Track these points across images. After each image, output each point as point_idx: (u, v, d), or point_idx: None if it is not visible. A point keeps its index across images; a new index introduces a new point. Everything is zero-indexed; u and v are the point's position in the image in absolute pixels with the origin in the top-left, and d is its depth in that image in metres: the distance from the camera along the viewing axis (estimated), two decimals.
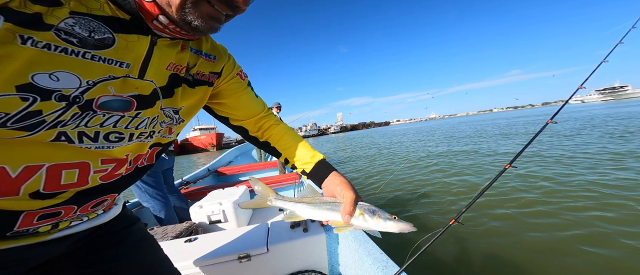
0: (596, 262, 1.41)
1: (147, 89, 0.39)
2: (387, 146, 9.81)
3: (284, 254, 1.05)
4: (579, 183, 2.63)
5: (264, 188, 0.55)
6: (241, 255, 0.89)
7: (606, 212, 1.92)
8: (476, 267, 1.52)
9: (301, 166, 0.58)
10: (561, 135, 6.62)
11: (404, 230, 0.39)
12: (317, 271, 1.14)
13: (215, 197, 1.76)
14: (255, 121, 0.62)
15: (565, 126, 8.76)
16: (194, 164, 13.60)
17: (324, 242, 1.13)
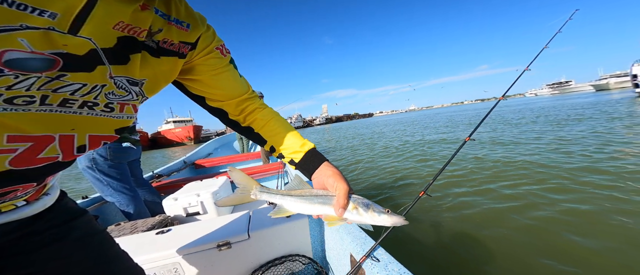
0: (524, 225, 1.77)
1: (80, 48, 0.31)
2: (369, 136, 10.24)
3: (266, 239, 1.05)
4: (520, 164, 3.19)
5: (246, 180, 0.50)
6: (220, 243, 0.86)
7: (537, 185, 2.43)
8: (442, 237, 1.79)
9: (289, 155, 0.53)
10: (513, 123, 7.63)
11: (396, 224, 0.38)
12: (300, 255, 1.16)
13: (192, 188, 1.66)
14: (237, 103, 0.55)
15: (518, 116, 10.13)
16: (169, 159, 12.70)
17: (307, 226, 1.14)
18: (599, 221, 1.64)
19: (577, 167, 2.75)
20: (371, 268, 0.64)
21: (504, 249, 1.50)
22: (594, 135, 4.41)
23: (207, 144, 4.94)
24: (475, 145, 4.78)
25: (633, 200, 1.82)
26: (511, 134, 5.71)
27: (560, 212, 1.82)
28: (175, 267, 0.80)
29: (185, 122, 45.86)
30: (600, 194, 2.02)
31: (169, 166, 2.89)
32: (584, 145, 3.79)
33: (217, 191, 1.64)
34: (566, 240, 1.49)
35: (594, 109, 9.27)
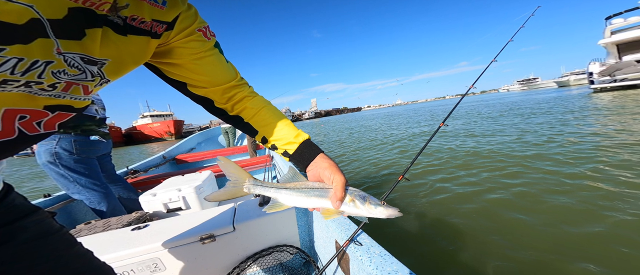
0: (482, 207, 2.02)
1: (18, 16, 0.26)
2: (357, 129, 10.46)
3: (252, 231, 1.04)
4: (487, 153, 3.59)
5: (238, 172, 0.46)
6: (204, 236, 0.83)
7: (497, 171, 2.77)
8: (418, 220, 1.95)
9: (283, 147, 0.50)
10: (485, 117, 8.41)
11: (391, 216, 0.38)
12: (288, 245, 1.17)
13: (172, 183, 1.58)
14: (223, 90, 0.50)
15: (490, 110, 11.12)
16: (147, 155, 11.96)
17: (294, 217, 1.15)
18: (538, 201, 1.95)
19: (531, 155, 3.16)
20: (354, 252, 0.66)
21: (466, 228, 1.71)
22: (549, 127, 4.98)
23: (190, 138, 4.70)
24: (450, 137, 5.17)
25: (566, 182, 2.18)
26: (482, 126, 6.26)
27: (512, 195, 2.13)
28: (155, 263, 0.76)
29: (164, 117, 42.91)
30: (545, 178, 2.37)
31: (147, 161, 2.71)
32: (539, 135, 4.29)
33: (200, 186, 1.58)
34: (512, 218, 1.76)
35: (554, 104, 10.41)
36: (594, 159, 2.66)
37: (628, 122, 4.35)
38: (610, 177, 2.18)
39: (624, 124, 4.30)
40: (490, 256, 1.38)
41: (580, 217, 1.61)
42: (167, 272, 0.79)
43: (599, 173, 2.28)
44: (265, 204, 1.21)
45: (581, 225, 1.52)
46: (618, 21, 14.97)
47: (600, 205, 1.72)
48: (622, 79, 13.62)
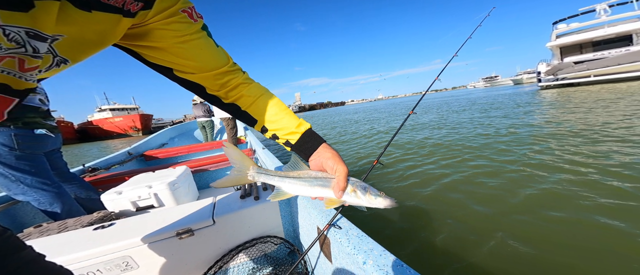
0: (437, 190, 2.30)
1: None
2: (341, 123, 10.76)
3: (234, 224, 1.01)
4: (450, 142, 4.05)
5: (242, 159, 0.45)
6: (180, 230, 0.79)
7: (452, 159, 3.17)
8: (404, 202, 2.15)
9: (284, 137, 0.48)
10: (453, 111, 9.27)
11: (388, 206, 0.39)
12: (272, 236, 1.17)
13: (141, 180, 1.45)
14: (214, 77, 0.46)
15: (456, 105, 12.28)
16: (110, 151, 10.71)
17: (277, 208, 1.15)
18: (477, 183, 2.31)
19: (482, 144, 3.66)
20: (334, 235, 0.69)
21: (424, 208, 1.98)
22: (500, 119, 5.75)
23: (160, 133, 4.31)
24: (421, 129, 5.63)
25: (504, 167, 2.62)
26: (449, 119, 6.95)
27: (462, 177, 2.49)
28: (126, 261, 0.71)
29: (127, 111, 38.35)
30: (486, 164, 2.79)
31: (108, 158, 2.43)
32: (489, 127, 4.93)
33: (175, 182, 1.47)
34: (455, 198, 2.08)
35: (508, 99, 11.79)
36: (526, 147, 3.17)
37: (559, 116, 5.18)
38: (534, 160, 2.64)
39: (555, 117, 5.04)
40: (436, 230, 1.65)
41: (506, 192, 2.01)
42: (141, 270, 0.74)
43: (527, 158, 2.69)
44: (247, 196, 1.18)
45: (509, 197, 1.93)
46: (562, 26, 17.28)
47: (521, 183, 2.12)
48: (562, 77, 15.92)
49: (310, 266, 0.98)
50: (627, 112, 4.57)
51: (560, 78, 16.09)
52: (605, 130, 3.47)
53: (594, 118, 4.42)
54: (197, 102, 4.78)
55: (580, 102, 6.88)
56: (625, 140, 2.91)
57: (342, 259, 0.67)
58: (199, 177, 2.21)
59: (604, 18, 15.68)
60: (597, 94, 8.44)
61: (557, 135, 3.53)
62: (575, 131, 3.64)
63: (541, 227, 1.50)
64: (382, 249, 0.57)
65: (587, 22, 16.24)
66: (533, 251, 1.30)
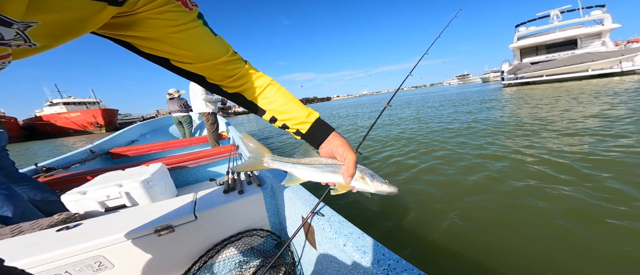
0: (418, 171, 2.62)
1: None
2: (326, 118, 10.83)
3: (218, 218, 0.99)
4: (421, 135, 4.41)
5: (259, 147, 0.48)
6: (159, 227, 0.76)
7: (423, 148, 3.53)
8: None
9: (295, 126, 0.49)
10: (429, 106, 9.95)
11: (392, 193, 0.41)
12: (257, 229, 1.16)
13: (109, 179, 1.33)
14: (213, 67, 0.45)
15: (433, 100, 13.25)
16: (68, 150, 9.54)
17: (262, 201, 1.14)
18: (435, 170, 2.59)
19: (447, 137, 4.06)
20: (317, 222, 0.72)
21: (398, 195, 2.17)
22: (466, 114, 6.36)
23: (129, 129, 3.94)
24: (398, 124, 5.99)
25: (465, 153, 2.98)
26: (423, 114, 7.51)
27: (427, 166, 2.77)
28: (98, 261, 0.66)
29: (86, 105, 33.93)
30: (450, 152, 3.16)
31: (66, 157, 2.17)
32: (454, 121, 5.46)
33: (149, 179, 1.38)
34: (418, 184, 2.29)
35: (475, 96, 12.93)
36: (482, 139, 3.59)
37: (513, 111, 5.88)
38: (486, 150, 3.02)
39: (509, 113, 5.66)
40: (404, 212, 1.85)
41: (460, 178, 2.32)
42: (118, 269, 0.69)
43: (482, 149, 3.15)
44: (231, 191, 1.16)
45: (462, 183, 2.22)
46: (523, 29, 19.15)
47: (473, 171, 2.45)
48: (521, 76, 17.81)
49: (297, 256, 1.01)
50: (564, 107, 5.32)
51: (519, 77, 17.95)
52: (545, 123, 4.02)
53: (539, 113, 5.07)
54: (174, 96, 4.43)
55: (531, 99, 7.82)
56: (560, 132, 3.42)
57: (325, 244, 0.70)
58: (178, 175, 2.09)
59: (556, 23, 17.72)
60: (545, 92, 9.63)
61: (508, 128, 4.02)
62: (521, 124, 4.19)
63: (483, 208, 1.73)
64: (360, 232, 0.61)
65: (543, 26, 18.21)
66: (476, 229, 1.51)
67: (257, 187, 1.16)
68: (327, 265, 0.70)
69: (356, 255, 0.54)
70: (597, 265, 1.13)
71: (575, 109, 4.98)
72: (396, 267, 0.47)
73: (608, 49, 15.20)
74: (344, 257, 0.60)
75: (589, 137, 2.99)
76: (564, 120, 4.05)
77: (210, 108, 3.21)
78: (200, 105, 3.17)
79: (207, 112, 3.20)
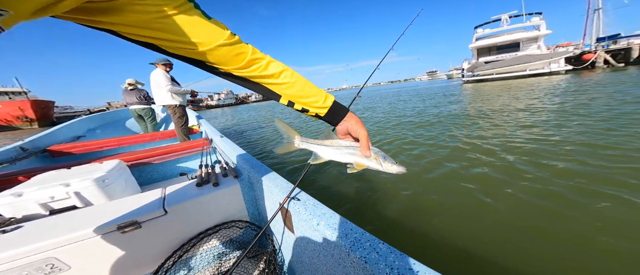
0: None
1: None
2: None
3: (191, 212, 0.95)
4: (392, 126, 4.81)
5: (289, 130, 0.53)
6: (122, 224, 0.70)
7: (393, 138, 3.84)
8: (340, 176, 2.51)
9: (314, 110, 0.52)
10: (401, 100, 10.73)
11: (401, 172, 0.47)
12: (236, 220, 1.15)
13: (51, 179, 1.15)
14: (209, 52, 0.42)
15: (405, 94, 14.31)
16: None
17: (239, 192, 1.13)
18: (396, 157, 2.95)
19: (412, 128, 4.48)
20: (294, 206, 0.75)
21: (363, 180, 2.37)
22: (432, 105, 7.22)
23: (72, 123, 3.36)
24: (371, 119, 6.33)
25: (425, 143, 3.38)
26: (395, 107, 8.10)
27: (393, 154, 3.08)
28: (50, 263, 0.58)
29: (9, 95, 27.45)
30: (413, 141, 3.55)
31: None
32: (420, 113, 6.06)
33: (105, 177, 1.23)
34: None
35: (441, 91, 14.32)
36: (441, 128, 4.06)
37: (465, 105, 6.74)
38: (438, 138, 3.43)
39: (463, 106, 6.41)
40: (368, 194, 2.02)
41: (417, 161, 2.64)
42: (74, 270, 0.62)
43: (440, 140, 3.39)
44: (205, 184, 1.10)
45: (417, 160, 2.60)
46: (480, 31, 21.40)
47: (424, 156, 2.77)
48: (477, 74, 20.10)
49: (277, 244, 1.03)
50: (503, 102, 6.25)
51: (476, 74, 20.24)
52: (484, 116, 4.71)
53: (483, 107, 5.89)
54: (133, 87, 3.88)
55: (481, 95, 8.99)
56: (493, 123, 4.04)
57: (301, 227, 0.74)
58: (141, 172, 1.89)
59: (505, 27, 20.22)
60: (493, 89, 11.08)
61: (458, 120, 4.62)
62: (468, 116, 4.84)
63: (428, 187, 2.00)
64: (331, 212, 0.66)
65: (495, 29, 20.61)
66: (421, 207, 1.74)
67: (234, 179, 1.14)
68: (305, 247, 0.74)
69: (328, 232, 0.59)
70: (495, 221, 1.46)
71: (511, 104, 5.85)
72: (361, 239, 0.53)
73: (542, 52, 18.03)
74: (317, 236, 0.64)
75: (512, 127, 3.58)
76: (499, 114, 4.75)
77: (177, 100, 2.90)
78: (164, 97, 2.84)
79: (174, 104, 2.89)
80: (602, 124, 3.09)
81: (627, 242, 1.18)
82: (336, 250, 0.56)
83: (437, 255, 1.27)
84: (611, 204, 1.50)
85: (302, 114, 0.54)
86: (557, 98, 5.81)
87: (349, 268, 0.52)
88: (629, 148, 2.22)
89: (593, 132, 2.83)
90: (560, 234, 1.30)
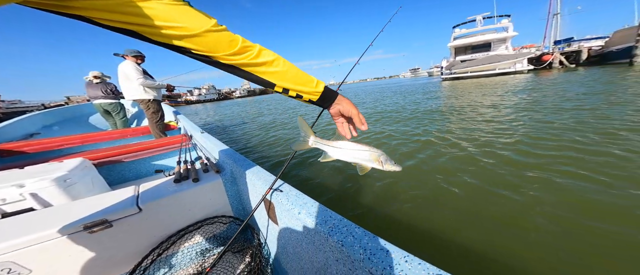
0: None
1: None
2: (292, 107, 10.69)
3: (169, 209, 0.91)
4: (374, 120, 5.04)
5: (307, 129, 0.56)
6: (89, 224, 0.65)
7: (375, 129, 4.08)
8: (322, 167, 2.60)
9: (308, 95, 0.54)
10: (386, 96, 11.04)
11: (399, 170, 0.53)
12: (219, 216, 1.12)
13: (2, 179, 1.02)
14: (197, 38, 0.41)
15: (389, 91, 14.68)
16: None
17: (222, 187, 1.10)
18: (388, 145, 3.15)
19: (392, 121, 4.77)
20: (277, 198, 0.76)
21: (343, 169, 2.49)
22: (412, 102, 7.58)
23: (23, 119, 2.96)
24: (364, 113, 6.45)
25: (405, 137, 3.59)
26: (380, 102, 8.44)
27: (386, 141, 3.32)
28: (7, 267, 0.52)
29: None
30: (393, 133, 3.79)
31: None
32: (400, 108, 6.45)
33: (66, 177, 1.12)
34: None
35: (422, 88, 15.07)
36: (417, 122, 4.33)
37: (441, 101, 7.27)
38: (413, 131, 3.67)
39: (438, 102, 6.84)
40: (347, 183, 2.10)
41: (393, 151, 2.84)
42: (36, 274, 0.57)
43: (415, 134, 3.59)
44: (184, 180, 1.06)
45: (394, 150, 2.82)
46: (457, 31, 22.60)
47: (400, 146, 3.01)
48: (454, 72, 21.36)
49: (263, 237, 1.04)
50: (473, 99, 6.78)
51: (453, 72, 21.50)
52: (455, 111, 5.11)
53: (454, 103, 6.35)
54: (98, 80, 3.49)
55: (456, 92, 9.62)
56: (461, 117, 4.41)
57: (284, 217, 0.75)
58: (110, 171, 1.74)
59: (480, 27, 21.61)
60: (467, 86, 11.91)
61: (433, 115, 4.95)
62: (441, 112, 5.22)
63: (401, 177, 2.15)
64: (312, 201, 0.68)
65: (471, 29, 21.93)
66: (395, 195, 1.86)
67: (216, 174, 1.11)
68: (288, 237, 0.76)
69: (308, 220, 0.61)
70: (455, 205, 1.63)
71: (479, 100, 6.35)
72: (338, 225, 0.56)
73: (509, 53, 19.64)
74: (299, 225, 0.66)
75: (477, 122, 3.92)
76: (468, 110, 5.16)
77: (151, 94, 2.67)
78: (135, 91, 2.59)
79: (147, 99, 2.65)
80: (547, 118, 3.51)
81: (548, 217, 1.38)
82: (316, 237, 0.58)
83: (407, 237, 1.38)
84: (545, 175, 1.81)
85: (295, 99, 0.55)
86: (517, 96, 6.40)
87: (329, 252, 0.55)
88: (564, 139, 2.56)
89: (538, 125, 3.21)
90: (500, 211, 1.49)
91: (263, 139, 4.50)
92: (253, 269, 0.85)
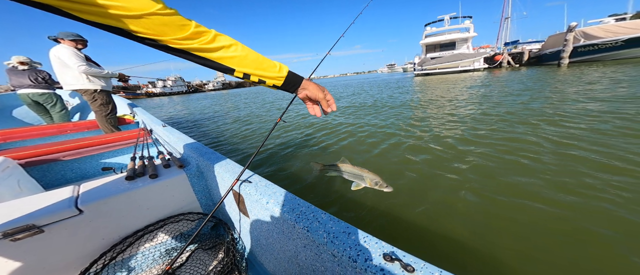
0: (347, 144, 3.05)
1: None
2: (271, 100, 10.55)
3: (120, 208, 0.81)
4: (350, 111, 5.26)
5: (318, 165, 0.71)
6: (10, 230, 0.54)
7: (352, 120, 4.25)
8: (294, 156, 2.67)
9: (271, 80, 0.53)
10: (364, 90, 11.38)
11: (390, 191, 0.67)
12: (185, 213, 1.04)
13: None
14: (138, 20, 0.38)
15: (368, 85, 15.29)
16: None
17: (187, 182, 1.01)
18: (356, 137, 3.28)
19: (370, 115, 4.99)
20: (245, 189, 0.73)
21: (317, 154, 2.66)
22: (387, 96, 7.98)
23: None
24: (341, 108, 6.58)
25: (378, 131, 3.77)
26: (358, 96, 8.76)
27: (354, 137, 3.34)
28: None
29: None
30: (367, 126, 3.96)
31: None
32: (379, 101, 6.79)
33: None
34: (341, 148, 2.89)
35: (396, 83, 15.86)
36: (388, 114, 4.60)
37: (412, 95, 7.83)
38: (384, 122, 3.96)
39: (409, 96, 7.26)
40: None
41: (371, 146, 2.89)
42: None
43: (385, 126, 3.79)
44: (137, 178, 0.94)
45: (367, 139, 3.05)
46: (428, 29, 24.05)
47: (376, 138, 3.14)
48: (424, 68, 22.89)
49: (236, 232, 0.99)
50: (439, 94, 7.43)
51: (424, 69, 23.04)
52: (421, 104, 5.58)
53: (422, 98, 6.91)
54: (26, 66, 2.84)
55: (425, 87, 10.40)
56: (424, 109, 4.86)
57: (254, 208, 0.72)
58: (45, 172, 1.47)
59: (447, 26, 23.33)
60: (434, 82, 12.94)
61: (402, 108, 5.33)
62: (409, 105, 5.64)
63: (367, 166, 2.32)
64: (281, 190, 0.67)
65: (440, 28, 23.53)
66: None
67: (179, 169, 1.01)
68: (260, 229, 0.74)
69: (276, 209, 0.60)
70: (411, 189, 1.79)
71: (443, 95, 6.99)
72: (306, 212, 0.56)
73: (470, 52, 21.72)
74: (268, 215, 0.64)
75: (439, 113, 4.34)
76: (432, 103, 5.66)
77: (97, 84, 2.25)
78: (76, 79, 2.15)
79: (92, 89, 2.24)
80: (488, 111, 4.05)
81: (472, 192, 1.63)
82: (285, 225, 0.58)
83: (369, 220, 1.48)
84: (477, 159, 2.11)
85: (259, 85, 0.54)
86: (470, 90, 7.20)
87: (297, 240, 0.55)
88: (498, 129, 2.98)
89: (481, 116, 3.71)
90: (440, 188, 1.73)
91: (236, 132, 4.31)
92: (227, 265, 0.81)
